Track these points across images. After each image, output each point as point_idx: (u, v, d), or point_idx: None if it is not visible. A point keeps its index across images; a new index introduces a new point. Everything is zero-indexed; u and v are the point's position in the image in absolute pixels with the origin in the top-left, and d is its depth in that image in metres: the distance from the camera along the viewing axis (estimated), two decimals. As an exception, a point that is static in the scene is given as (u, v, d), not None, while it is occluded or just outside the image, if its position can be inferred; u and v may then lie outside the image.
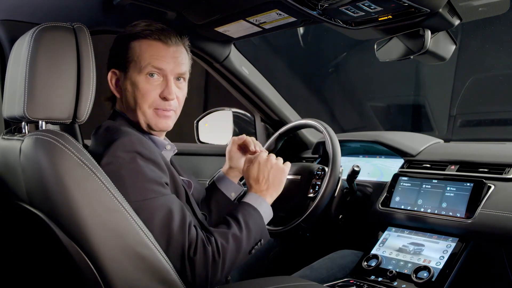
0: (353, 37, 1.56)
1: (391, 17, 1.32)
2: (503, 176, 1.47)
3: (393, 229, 1.62)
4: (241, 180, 1.55)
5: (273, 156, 1.35)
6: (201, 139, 2.08)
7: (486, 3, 1.40)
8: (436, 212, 1.51)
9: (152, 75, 1.19)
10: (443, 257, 1.43)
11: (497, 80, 3.23)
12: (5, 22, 1.39)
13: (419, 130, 3.59)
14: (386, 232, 1.62)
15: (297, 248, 1.96)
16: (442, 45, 1.43)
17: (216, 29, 1.68)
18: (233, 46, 1.95)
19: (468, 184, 1.49)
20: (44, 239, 1.04)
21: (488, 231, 1.38)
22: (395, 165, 1.82)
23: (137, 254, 0.97)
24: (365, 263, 1.54)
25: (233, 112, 2.08)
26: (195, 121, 2.09)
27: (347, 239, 1.82)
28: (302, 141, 2.20)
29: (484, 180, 1.47)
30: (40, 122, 1.03)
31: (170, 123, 1.25)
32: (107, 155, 1.06)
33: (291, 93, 3.77)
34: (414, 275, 1.41)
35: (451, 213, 1.48)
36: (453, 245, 1.44)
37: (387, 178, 1.74)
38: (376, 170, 1.92)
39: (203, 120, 2.09)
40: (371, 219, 1.69)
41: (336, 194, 1.63)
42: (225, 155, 1.49)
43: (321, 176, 1.65)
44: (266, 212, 1.27)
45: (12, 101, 1.06)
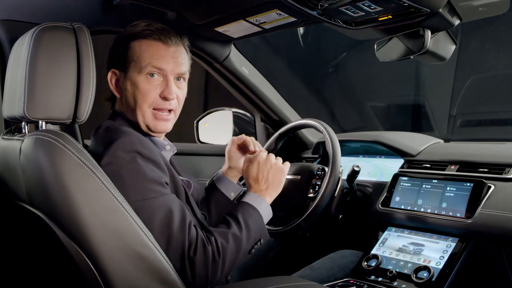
0: (353, 37, 1.57)
1: (391, 17, 1.32)
2: (503, 176, 1.47)
3: (393, 229, 1.62)
4: (241, 180, 1.55)
5: (273, 156, 1.35)
6: (201, 139, 2.08)
7: (486, 3, 1.40)
8: (436, 212, 1.51)
9: (152, 75, 1.19)
10: (443, 257, 1.43)
11: (497, 80, 3.23)
12: (5, 22, 1.39)
13: (419, 130, 3.59)
14: (386, 232, 1.62)
15: (297, 248, 1.96)
16: (442, 45, 1.43)
17: (216, 29, 1.68)
18: (233, 46, 1.95)
19: (468, 184, 1.49)
20: (44, 239, 1.04)
21: (488, 231, 1.38)
22: (395, 165, 1.82)
23: (137, 254, 0.97)
24: (365, 263, 1.54)
25: (233, 112, 2.08)
26: (195, 121, 2.09)
27: (347, 239, 1.81)
28: (302, 141, 2.19)
29: (484, 180, 1.47)
30: (40, 122, 1.03)
31: (169, 125, 1.25)
32: (107, 155, 1.06)
33: (291, 93, 3.77)
34: (414, 275, 1.41)
35: (451, 213, 1.48)
36: (453, 245, 1.44)
37: (387, 178, 1.74)
38: (376, 170, 1.91)
39: (203, 120, 2.09)
40: (371, 219, 1.69)
41: (336, 194, 1.63)
42: (225, 155, 1.49)
43: (321, 176, 1.65)
44: (265, 212, 1.27)
45: (12, 101, 1.06)
